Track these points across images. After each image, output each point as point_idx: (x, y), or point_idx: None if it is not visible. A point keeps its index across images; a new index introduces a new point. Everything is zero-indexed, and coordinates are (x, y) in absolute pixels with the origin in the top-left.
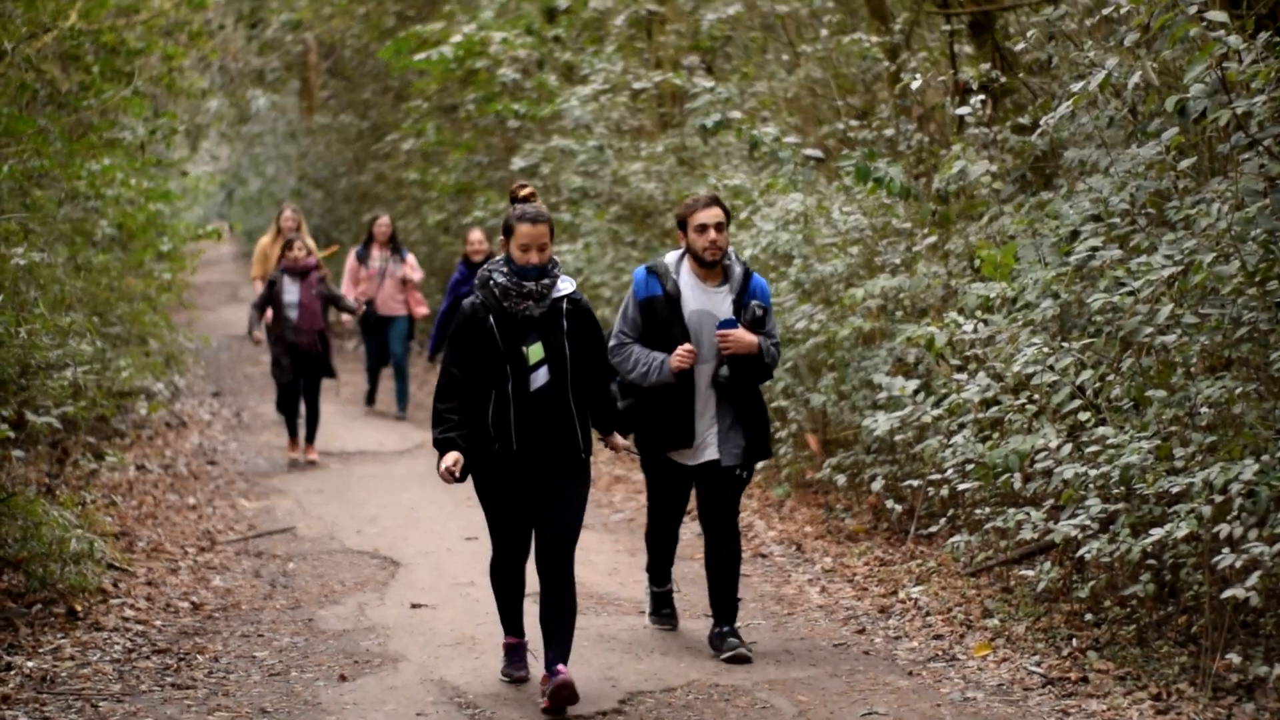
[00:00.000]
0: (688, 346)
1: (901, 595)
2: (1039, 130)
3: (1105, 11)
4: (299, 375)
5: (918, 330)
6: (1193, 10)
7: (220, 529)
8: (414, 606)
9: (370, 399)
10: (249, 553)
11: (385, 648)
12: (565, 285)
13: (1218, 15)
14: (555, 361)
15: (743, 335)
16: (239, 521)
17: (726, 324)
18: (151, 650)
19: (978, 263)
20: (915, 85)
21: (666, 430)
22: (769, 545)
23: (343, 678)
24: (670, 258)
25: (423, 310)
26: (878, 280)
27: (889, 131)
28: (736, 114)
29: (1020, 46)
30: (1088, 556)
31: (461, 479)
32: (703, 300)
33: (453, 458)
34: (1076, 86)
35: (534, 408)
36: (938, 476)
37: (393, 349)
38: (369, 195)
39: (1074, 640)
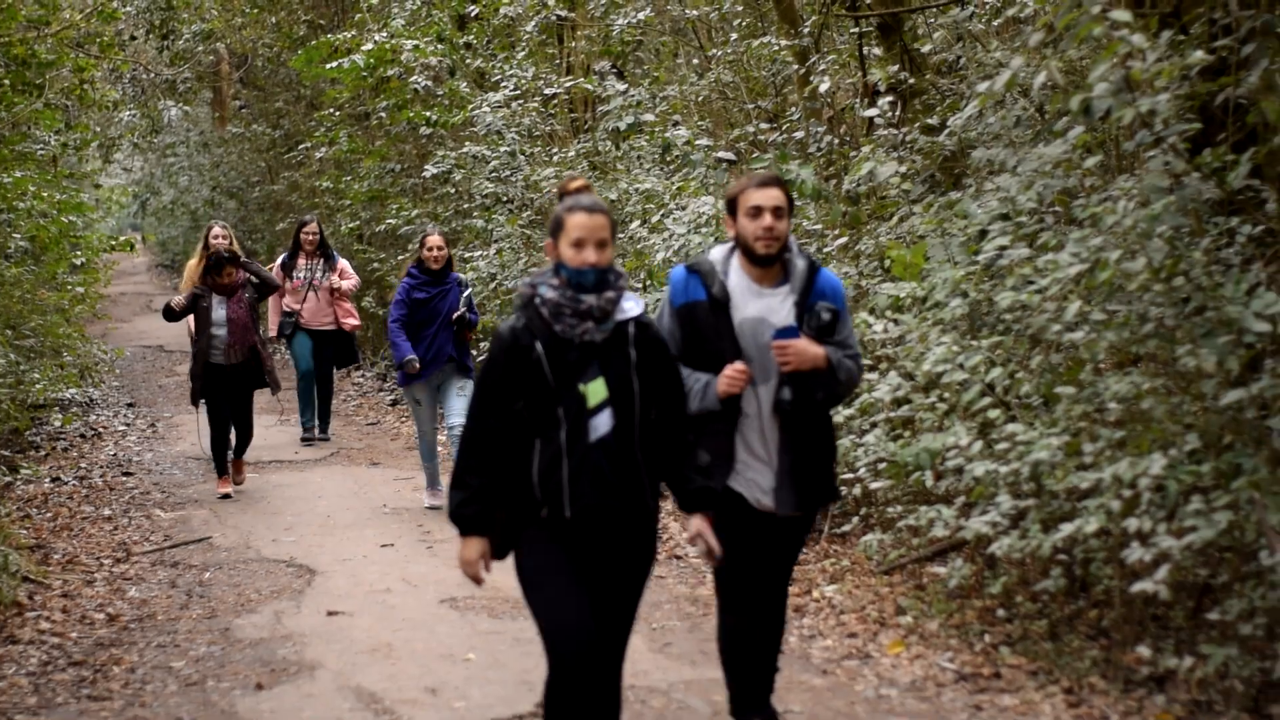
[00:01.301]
0: (739, 364)
1: (815, 594)
2: (947, 131)
3: (1011, 12)
4: (225, 400)
5: None
6: (1096, 10)
7: (136, 540)
8: (330, 614)
9: (308, 428)
10: (165, 563)
11: (302, 656)
12: (632, 304)
13: (1121, 15)
14: (621, 403)
15: (805, 347)
16: (155, 532)
17: (785, 333)
18: (68, 663)
19: (888, 263)
20: (825, 88)
21: (716, 473)
22: (684, 546)
23: (259, 686)
24: (716, 253)
25: (352, 322)
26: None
27: (799, 134)
28: (648, 118)
29: (928, 48)
30: (999, 553)
31: (500, 556)
32: (757, 305)
33: (476, 550)
34: (983, 87)
35: (594, 463)
36: (850, 476)
37: (321, 368)
38: (282, 204)
39: (986, 636)
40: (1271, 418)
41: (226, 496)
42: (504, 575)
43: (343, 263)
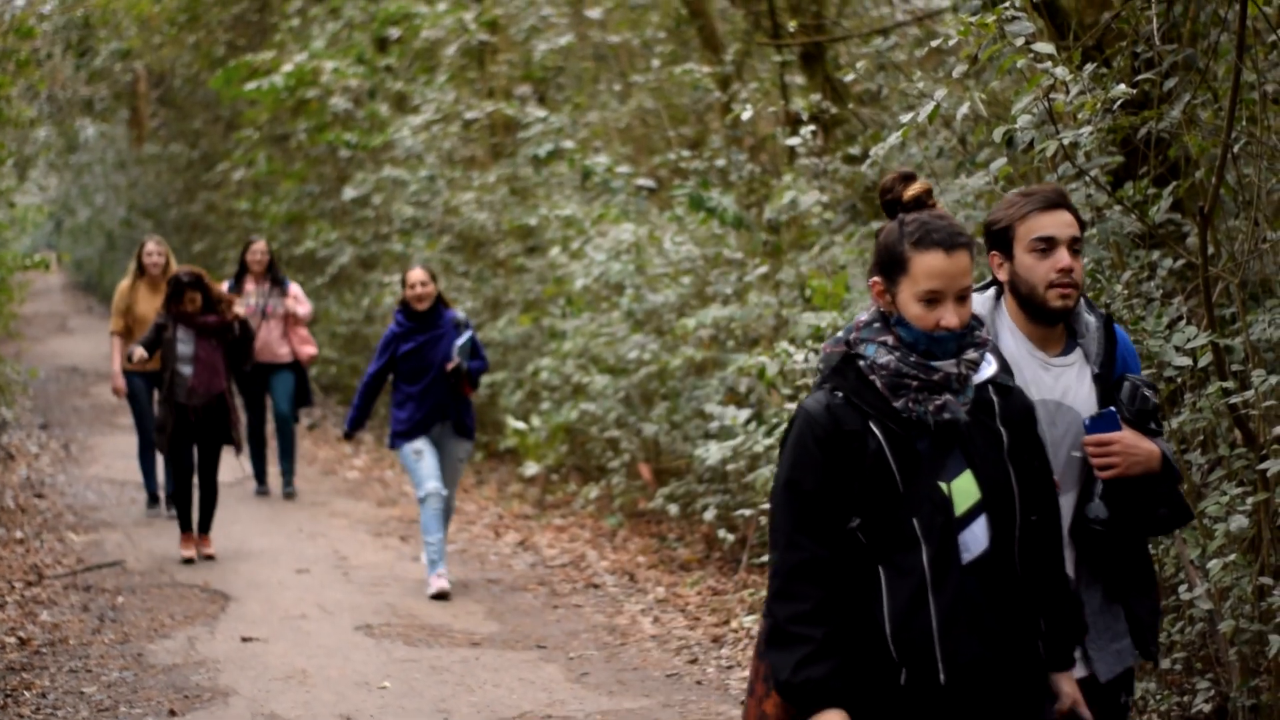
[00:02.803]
0: None
1: (734, 624)
2: (869, 160)
3: (934, 43)
4: (189, 445)
5: (749, 360)
6: (1020, 42)
7: (48, 563)
8: (244, 640)
9: (260, 478)
10: (77, 587)
11: (215, 682)
12: (989, 361)
13: (1045, 47)
14: (998, 506)
15: (1134, 442)
16: (67, 555)
17: (1102, 423)
18: None
19: (809, 292)
20: (746, 116)
21: None
22: (601, 575)
23: (172, 713)
24: (979, 302)
25: (310, 351)
26: (709, 310)
27: (720, 161)
28: (569, 144)
29: (850, 77)
30: None
31: None
32: (1047, 381)
33: None
34: (906, 117)
35: (970, 598)
36: (770, 506)
37: (278, 407)
38: (200, 225)
39: None
40: (1191, 452)
41: (189, 561)
42: (419, 602)
43: (294, 287)
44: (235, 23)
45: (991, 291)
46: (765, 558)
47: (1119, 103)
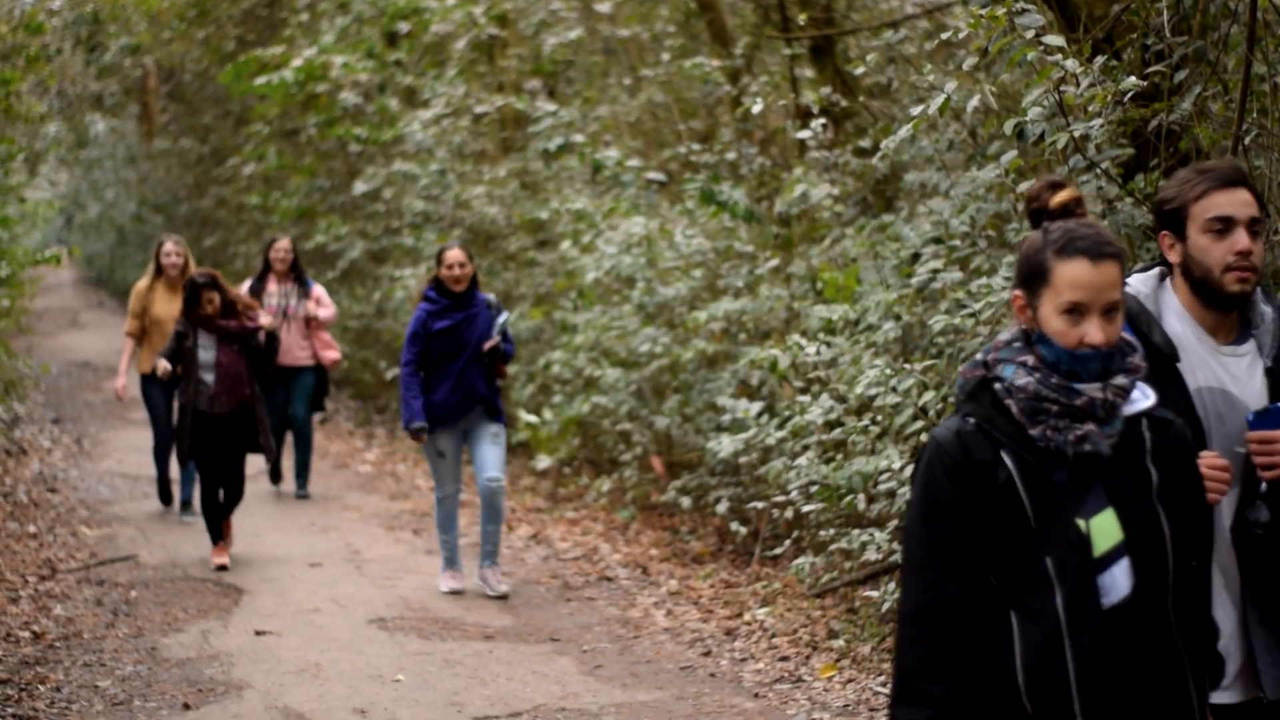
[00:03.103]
0: (1216, 457)
1: (747, 617)
2: (880, 153)
3: (944, 36)
4: (213, 454)
5: (761, 353)
6: (1030, 34)
7: (62, 557)
8: (258, 634)
9: (274, 475)
10: (91, 581)
11: (229, 676)
12: (1143, 393)
13: (1055, 39)
14: (1144, 549)
15: None
16: (80, 549)
17: (1267, 419)
18: None
19: (820, 285)
20: (757, 109)
21: None
22: (615, 568)
23: (186, 706)
24: (1139, 282)
25: (333, 355)
26: (721, 303)
27: (731, 155)
28: (579, 138)
29: (861, 70)
30: None
31: None
32: (1214, 368)
33: None
34: (916, 110)
35: (1111, 649)
36: (782, 498)
37: (294, 410)
38: (210, 220)
39: None
40: None
41: (223, 568)
42: (432, 595)
43: (318, 289)
44: (245, 18)
45: (1155, 271)
46: (778, 550)
47: (1129, 95)
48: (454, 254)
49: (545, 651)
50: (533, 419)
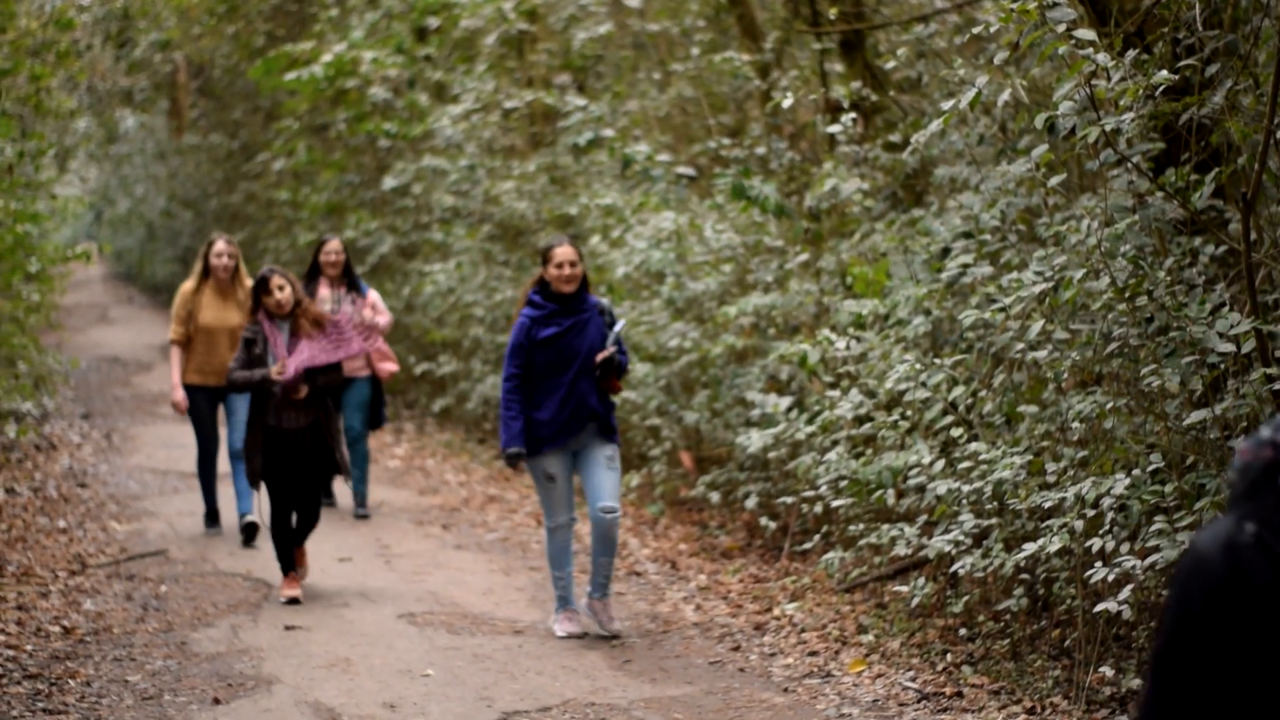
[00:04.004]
0: None
1: (776, 612)
2: (910, 148)
3: (975, 30)
4: (285, 476)
5: (790, 347)
6: (1061, 28)
7: (91, 552)
8: (288, 628)
9: (327, 491)
10: (121, 576)
11: (259, 670)
12: None
13: (1086, 33)
14: None
15: None
16: (110, 544)
17: None
18: (22, 675)
19: (850, 280)
20: (786, 103)
21: None
22: (644, 563)
23: (216, 701)
24: None
25: (390, 367)
26: (750, 298)
27: (761, 149)
28: (608, 132)
29: (891, 65)
30: (961, 572)
31: None
32: None
33: None
34: (947, 104)
35: None
36: (811, 493)
37: (348, 422)
38: (240, 215)
39: (948, 655)
40: (1234, 438)
41: (294, 601)
42: (461, 590)
43: (372, 294)
44: (274, 13)
45: None
46: (807, 545)
47: (1160, 89)
48: (564, 250)
49: (575, 646)
50: None
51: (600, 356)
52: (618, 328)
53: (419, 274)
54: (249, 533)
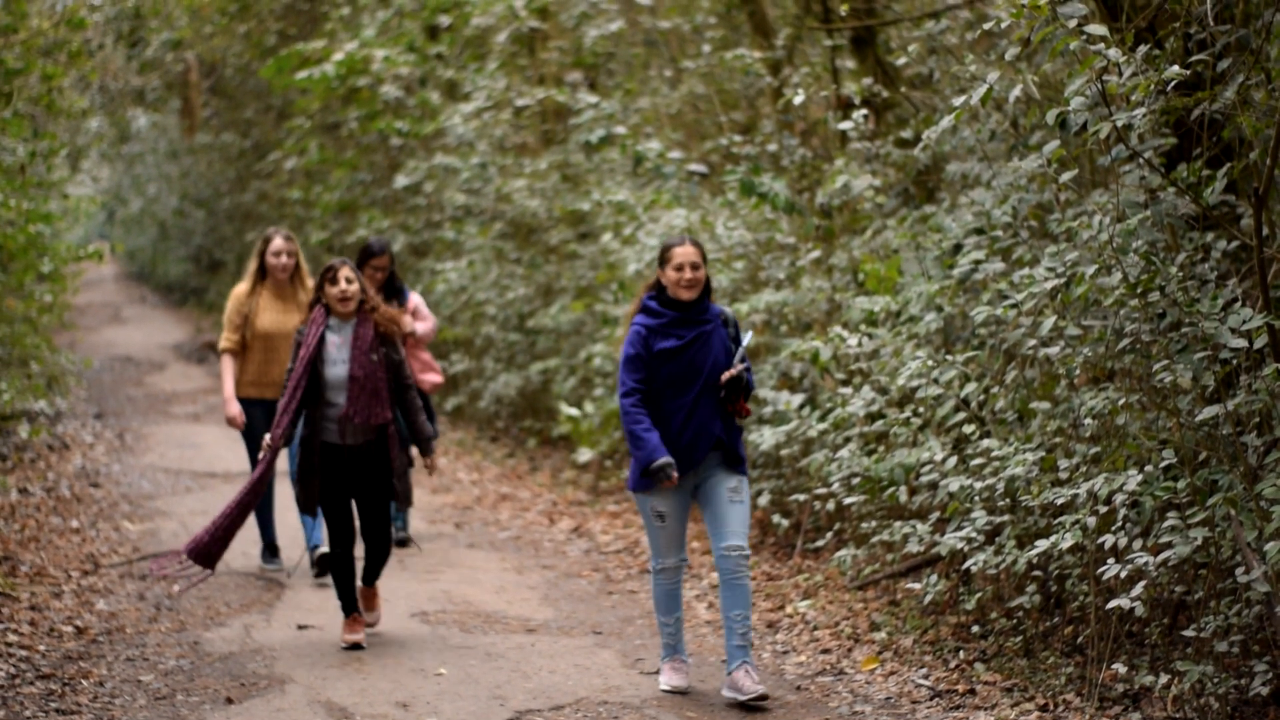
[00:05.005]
0: None
1: (789, 610)
2: (921, 144)
3: (986, 26)
4: (345, 500)
5: (803, 345)
6: (1072, 24)
7: (104, 552)
8: (300, 628)
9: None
10: (133, 575)
11: (272, 669)
12: None
13: (1097, 29)
14: None
15: None
16: (123, 544)
17: None
18: (35, 675)
19: (862, 277)
20: (798, 100)
21: None
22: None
23: (229, 700)
24: None
25: (434, 379)
26: (762, 295)
27: (772, 146)
28: (620, 130)
29: (902, 61)
30: (974, 569)
31: None
32: None
33: None
34: (958, 100)
35: None
36: (824, 490)
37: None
38: (252, 214)
39: (961, 652)
40: (1247, 434)
41: (356, 646)
42: (474, 589)
43: (414, 298)
44: (286, 12)
45: None
46: (819, 543)
47: (1172, 84)
48: (684, 250)
49: (587, 644)
50: (574, 412)
51: (726, 375)
52: (745, 340)
53: (431, 272)
54: (322, 566)
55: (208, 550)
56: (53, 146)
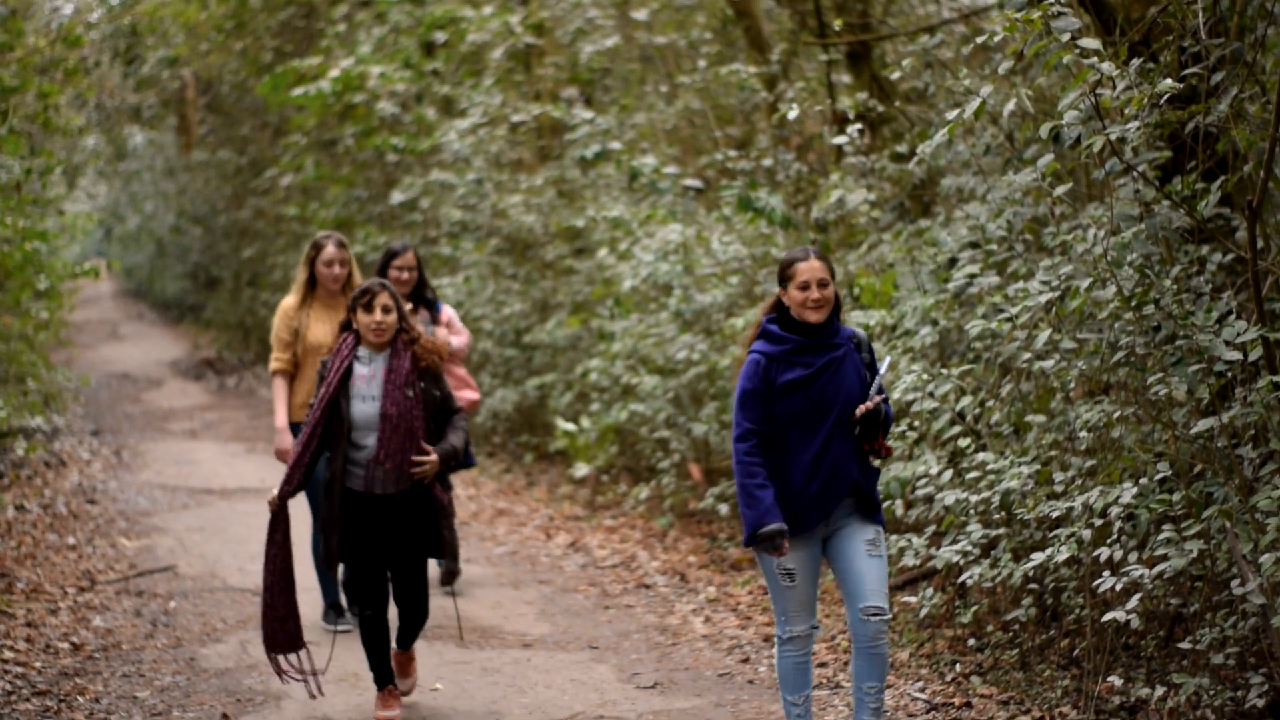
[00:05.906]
0: None
1: None
2: (916, 158)
3: (980, 40)
4: (377, 557)
5: None
6: (1066, 38)
7: (100, 568)
8: None
9: (447, 577)
10: (130, 592)
11: (268, 686)
12: None
13: (1091, 43)
14: None
15: None
16: (119, 561)
17: None
18: (31, 692)
19: (857, 290)
20: (793, 115)
21: None
22: (653, 576)
23: (225, 717)
24: None
25: (471, 396)
26: (758, 309)
27: (767, 161)
28: (616, 145)
29: (897, 75)
30: (970, 582)
31: None
32: None
33: None
34: (953, 114)
35: None
36: None
37: None
38: (248, 231)
39: (957, 665)
40: (1242, 446)
41: None
42: (470, 604)
43: (448, 311)
44: (282, 29)
45: None
46: None
47: (1166, 97)
48: (810, 266)
49: (584, 659)
50: (570, 427)
51: (862, 409)
52: (882, 369)
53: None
54: (338, 609)
55: (278, 636)
56: (49, 164)
